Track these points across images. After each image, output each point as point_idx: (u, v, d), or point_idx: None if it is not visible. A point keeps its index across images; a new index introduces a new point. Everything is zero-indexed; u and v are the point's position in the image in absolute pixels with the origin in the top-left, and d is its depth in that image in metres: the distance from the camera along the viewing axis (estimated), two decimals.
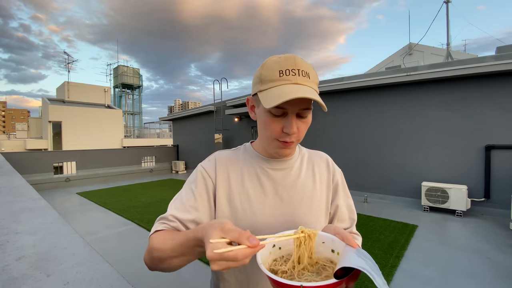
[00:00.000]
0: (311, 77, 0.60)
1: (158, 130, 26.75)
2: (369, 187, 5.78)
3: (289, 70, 0.58)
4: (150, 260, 0.59)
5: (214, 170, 0.69)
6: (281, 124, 0.61)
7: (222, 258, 0.42)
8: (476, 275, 2.52)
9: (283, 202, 0.68)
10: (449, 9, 9.32)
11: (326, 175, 0.77)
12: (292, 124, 0.60)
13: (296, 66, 0.59)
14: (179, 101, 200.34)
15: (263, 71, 0.60)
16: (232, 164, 0.71)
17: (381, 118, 5.61)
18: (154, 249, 0.58)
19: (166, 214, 0.64)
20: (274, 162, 0.70)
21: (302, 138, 0.66)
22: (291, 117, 0.60)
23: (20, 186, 2.16)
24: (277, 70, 0.58)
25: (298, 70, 0.58)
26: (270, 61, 0.61)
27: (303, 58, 0.63)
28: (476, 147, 4.51)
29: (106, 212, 5.01)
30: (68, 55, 22.79)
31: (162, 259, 0.57)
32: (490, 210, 4.37)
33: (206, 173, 0.69)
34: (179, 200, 0.67)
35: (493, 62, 4.15)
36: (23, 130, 21.22)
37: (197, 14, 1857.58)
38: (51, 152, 8.49)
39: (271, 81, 0.58)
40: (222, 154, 0.73)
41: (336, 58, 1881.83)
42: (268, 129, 0.63)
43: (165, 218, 0.64)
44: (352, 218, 0.78)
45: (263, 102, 0.58)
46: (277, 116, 0.61)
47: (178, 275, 2.67)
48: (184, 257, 0.55)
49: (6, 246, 0.82)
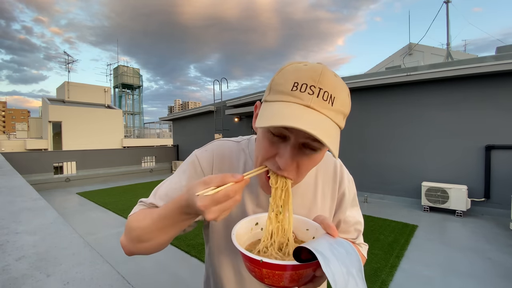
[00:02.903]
0: (335, 104, 0.43)
1: (158, 130, 26.77)
2: (369, 187, 5.78)
3: (307, 85, 0.43)
4: (129, 241, 0.55)
5: (210, 164, 0.62)
6: (276, 150, 0.47)
7: (214, 202, 0.40)
8: (476, 275, 2.52)
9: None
10: (449, 9, 9.32)
11: (331, 186, 0.65)
12: (287, 156, 0.46)
13: (320, 83, 0.43)
14: (179, 101, 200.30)
15: (277, 77, 0.47)
16: (231, 162, 0.63)
17: (381, 118, 5.61)
18: (133, 228, 0.54)
19: (147, 200, 0.61)
20: None
21: (301, 179, 0.52)
22: (291, 147, 0.46)
23: (20, 186, 2.16)
24: (292, 81, 0.44)
25: (320, 89, 0.42)
26: (290, 68, 0.46)
27: (302, 58, 0.51)
28: (476, 147, 4.51)
29: (106, 212, 5.01)
30: (69, 55, 22.83)
31: (142, 237, 0.52)
32: (490, 210, 4.37)
33: (199, 165, 0.62)
34: (165, 189, 0.61)
35: (493, 62, 4.15)
36: (23, 130, 21.24)
37: (197, 16, 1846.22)
38: (51, 152, 8.49)
39: (280, 92, 0.45)
40: (221, 148, 0.65)
41: (335, 59, 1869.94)
42: (261, 149, 0.50)
43: (144, 202, 0.62)
44: (357, 229, 0.70)
45: (258, 118, 0.46)
46: (276, 136, 0.47)
47: (177, 275, 2.67)
48: (168, 230, 0.51)
49: (6, 246, 0.82)
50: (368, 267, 2.70)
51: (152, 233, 0.52)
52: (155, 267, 2.83)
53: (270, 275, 0.39)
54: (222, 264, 0.63)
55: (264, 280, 0.41)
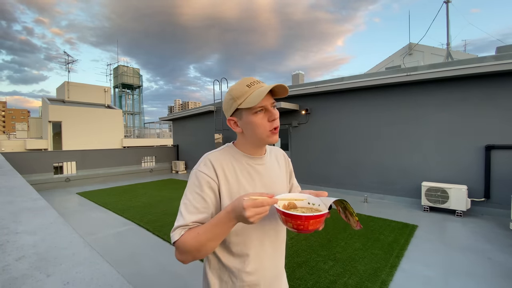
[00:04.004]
0: None
1: (158, 130, 26.75)
2: (369, 187, 5.78)
3: (253, 81, 0.80)
4: (187, 256, 0.71)
5: (214, 172, 0.80)
6: (266, 117, 0.81)
7: (253, 204, 0.63)
8: (476, 275, 2.52)
9: (267, 187, 0.88)
10: (449, 9, 9.32)
11: (284, 164, 1.02)
12: (274, 112, 0.81)
13: (256, 80, 0.81)
14: (179, 101, 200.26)
15: (233, 92, 0.80)
16: (225, 163, 0.83)
17: (381, 118, 5.61)
18: (189, 248, 0.70)
19: (186, 221, 0.73)
20: (257, 159, 0.89)
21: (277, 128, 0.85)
22: (270, 109, 0.80)
23: (20, 186, 2.16)
24: (244, 85, 0.79)
25: (259, 81, 0.81)
26: (235, 85, 0.81)
27: (301, 59, 0.75)
28: (476, 147, 4.51)
29: (106, 212, 5.00)
30: (69, 55, 22.81)
31: (200, 249, 0.70)
32: (490, 210, 4.37)
33: (208, 177, 0.79)
34: (190, 205, 0.76)
35: (493, 62, 4.14)
36: (23, 130, 21.21)
37: (197, 17, 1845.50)
38: (51, 152, 8.48)
39: (244, 92, 0.78)
40: (214, 156, 0.84)
41: (335, 59, 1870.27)
42: (260, 126, 0.80)
43: (186, 225, 0.73)
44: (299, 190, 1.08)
45: (248, 104, 0.76)
46: (260, 112, 0.79)
47: (177, 275, 2.67)
48: (219, 236, 0.71)
49: (6, 246, 0.82)
50: (368, 267, 2.70)
51: (207, 243, 0.71)
52: (155, 267, 2.83)
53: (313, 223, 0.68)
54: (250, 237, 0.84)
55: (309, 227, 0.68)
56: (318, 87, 6.36)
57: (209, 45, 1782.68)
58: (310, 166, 6.83)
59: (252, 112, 0.79)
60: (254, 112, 0.79)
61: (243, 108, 0.79)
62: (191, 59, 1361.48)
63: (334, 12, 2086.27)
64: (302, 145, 7.02)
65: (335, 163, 6.38)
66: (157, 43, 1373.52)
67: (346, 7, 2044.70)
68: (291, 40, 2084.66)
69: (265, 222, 0.87)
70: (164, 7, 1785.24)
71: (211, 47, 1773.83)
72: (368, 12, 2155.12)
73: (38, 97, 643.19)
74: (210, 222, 0.71)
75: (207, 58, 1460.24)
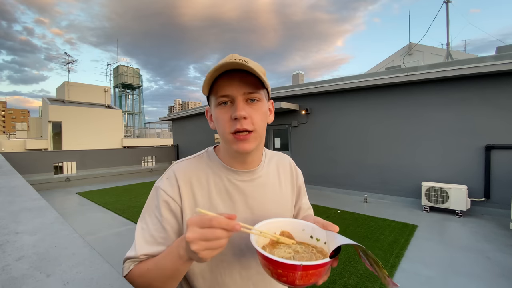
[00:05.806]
0: (250, 63, 0.55)
1: (158, 130, 26.76)
2: (369, 187, 5.78)
3: (225, 60, 0.54)
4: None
5: (176, 189, 0.61)
6: (230, 112, 0.57)
7: (202, 237, 0.42)
8: (476, 275, 2.52)
9: (254, 214, 0.64)
10: (449, 9, 9.32)
11: (290, 179, 0.76)
12: (239, 107, 0.56)
13: (233, 56, 0.57)
14: (179, 101, 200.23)
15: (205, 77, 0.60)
16: (195, 176, 0.63)
17: (381, 118, 5.61)
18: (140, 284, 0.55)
19: (137, 253, 0.57)
20: (243, 173, 0.65)
21: (260, 130, 0.59)
22: (238, 101, 0.56)
23: (20, 186, 2.15)
24: (213, 68, 0.55)
25: (234, 58, 0.55)
26: None
27: (301, 59, 0.61)
28: (476, 147, 4.51)
29: (106, 212, 5.00)
30: (69, 55, 22.82)
31: (151, 284, 0.54)
32: (490, 210, 4.37)
33: (168, 196, 0.61)
34: (147, 232, 0.59)
35: (493, 62, 4.14)
36: (23, 130, 21.21)
37: (197, 17, 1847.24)
38: (51, 152, 8.48)
39: (210, 75, 0.55)
40: (181, 167, 0.65)
41: (334, 59, 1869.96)
42: (220, 123, 0.59)
43: (136, 258, 0.58)
44: (310, 212, 0.83)
45: (204, 89, 0.58)
46: (225, 104, 0.57)
47: None
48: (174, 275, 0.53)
49: (6, 246, 0.82)
50: None
51: (158, 284, 0.54)
52: None
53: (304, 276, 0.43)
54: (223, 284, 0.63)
55: (296, 282, 0.43)
56: (318, 87, 6.36)
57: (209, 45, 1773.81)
58: (310, 166, 6.83)
59: (216, 103, 0.59)
60: (218, 104, 0.58)
61: (211, 96, 0.61)
62: (191, 59, 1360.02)
63: (333, 12, 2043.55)
64: (302, 145, 7.02)
65: (335, 163, 6.38)
66: (157, 43, 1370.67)
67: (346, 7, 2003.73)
68: (290, 40, 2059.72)
69: (249, 259, 0.63)
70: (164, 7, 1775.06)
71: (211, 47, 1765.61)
72: (368, 12, 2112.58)
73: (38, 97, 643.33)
74: (161, 255, 0.55)
75: (207, 58, 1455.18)
